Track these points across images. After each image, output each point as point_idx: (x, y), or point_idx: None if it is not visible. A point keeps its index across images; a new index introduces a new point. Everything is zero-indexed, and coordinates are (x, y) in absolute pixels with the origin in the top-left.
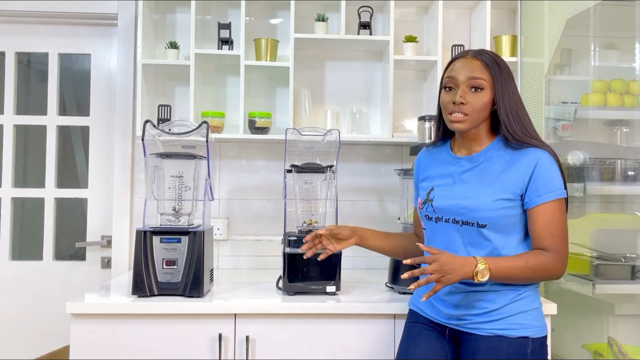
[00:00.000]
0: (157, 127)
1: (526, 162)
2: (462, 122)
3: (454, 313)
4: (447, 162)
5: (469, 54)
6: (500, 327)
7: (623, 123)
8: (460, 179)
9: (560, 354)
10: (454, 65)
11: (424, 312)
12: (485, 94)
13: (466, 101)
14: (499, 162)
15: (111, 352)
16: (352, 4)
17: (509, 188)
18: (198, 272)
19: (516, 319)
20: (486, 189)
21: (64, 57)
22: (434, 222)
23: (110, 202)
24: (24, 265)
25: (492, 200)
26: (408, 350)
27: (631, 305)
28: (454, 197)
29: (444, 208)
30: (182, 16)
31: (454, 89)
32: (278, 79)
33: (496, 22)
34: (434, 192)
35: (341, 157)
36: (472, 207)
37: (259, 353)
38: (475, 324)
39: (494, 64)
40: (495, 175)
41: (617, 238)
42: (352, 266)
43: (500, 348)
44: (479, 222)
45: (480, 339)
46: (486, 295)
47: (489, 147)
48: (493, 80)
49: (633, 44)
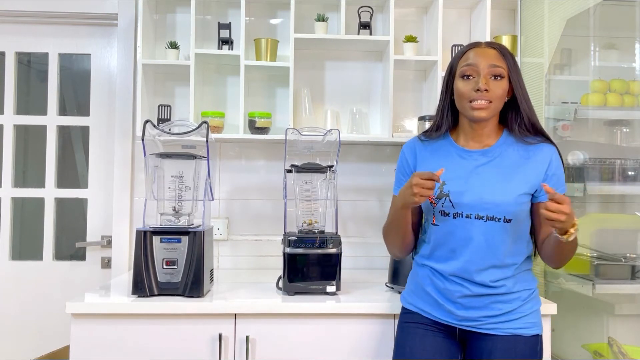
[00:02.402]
0: (157, 127)
1: (542, 158)
2: (486, 110)
3: (469, 315)
4: (455, 154)
5: (482, 44)
6: (517, 327)
7: (623, 123)
8: (477, 173)
9: (560, 354)
10: (469, 54)
11: (427, 312)
12: (505, 82)
13: (489, 88)
14: (514, 156)
15: (111, 352)
16: (352, 4)
17: (529, 182)
18: (198, 272)
19: (530, 318)
20: (508, 183)
21: (64, 57)
22: (451, 218)
23: (110, 202)
24: (24, 265)
25: (517, 194)
26: (415, 353)
27: (631, 305)
28: (477, 192)
29: (466, 203)
30: (182, 16)
31: (474, 77)
32: (278, 79)
33: (496, 22)
34: (447, 186)
35: (341, 157)
36: (499, 202)
37: (259, 353)
38: (492, 324)
39: (508, 54)
40: (515, 170)
41: (617, 238)
42: (352, 266)
43: (517, 347)
44: (506, 216)
45: (497, 339)
46: (503, 297)
47: (500, 141)
48: (509, 69)
49: (633, 44)
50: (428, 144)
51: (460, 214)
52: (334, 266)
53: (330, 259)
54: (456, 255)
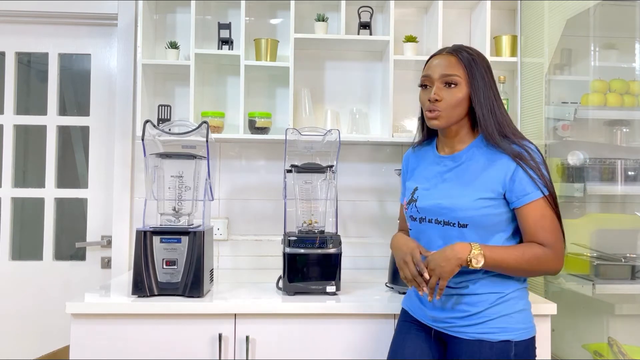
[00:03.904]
0: (157, 127)
1: (507, 161)
2: (438, 119)
3: (437, 316)
4: (432, 161)
5: (445, 51)
6: (481, 331)
7: (623, 123)
8: (443, 179)
9: (560, 354)
10: (431, 63)
11: (413, 312)
12: (460, 90)
13: (440, 97)
14: (480, 160)
15: (111, 352)
16: (352, 4)
17: (490, 187)
18: (198, 272)
19: (497, 322)
20: (466, 188)
21: (64, 57)
22: (418, 223)
23: (110, 202)
24: (24, 265)
25: (473, 199)
26: (397, 349)
27: (631, 305)
28: (436, 197)
29: (427, 208)
30: (182, 16)
31: (430, 86)
32: (278, 79)
33: (496, 22)
34: (417, 192)
35: (341, 157)
36: (452, 207)
37: (259, 353)
38: (458, 327)
39: (469, 60)
40: (476, 174)
41: (617, 238)
42: (352, 266)
43: (482, 352)
44: (459, 221)
45: (462, 343)
46: (466, 298)
47: (471, 146)
48: (468, 75)
49: (633, 44)
50: (418, 151)
51: (424, 219)
52: (334, 266)
53: (330, 259)
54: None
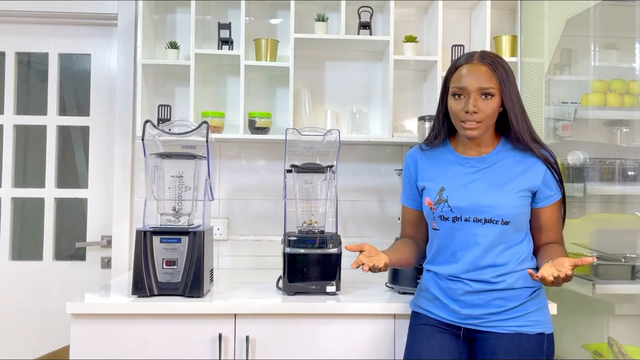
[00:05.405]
0: (157, 127)
1: (539, 163)
2: (476, 129)
3: (472, 313)
4: (454, 162)
5: (474, 59)
6: (520, 324)
7: (623, 123)
8: (474, 179)
9: (560, 354)
10: (461, 72)
11: (432, 313)
12: (495, 100)
13: (479, 109)
14: (510, 162)
15: (111, 352)
16: (352, 4)
17: (526, 186)
18: (198, 272)
19: (534, 315)
20: (501, 188)
21: (64, 57)
22: (451, 222)
23: (110, 202)
24: (24, 265)
25: (515, 198)
26: (421, 352)
27: (631, 305)
28: (474, 196)
29: (464, 207)
30: (182, 16)
31: (465, 97)
32: (278, 79)
33: (496, 22)
34: (446, 192)
35: (341, 157)
36: (495, 205)
37: (259, 353)
38: (495, 322)
39: (500, 69)
40: (511, 174)
41: (617, 238)
42: None
43: (521, 345)
44: (503, 219)
45: (500, 337)
46: (504, 292)
47: (498, 149)
48: (501, 85)
49: (633, 44)
50: (428, 152)
51: (459, 218)
52: (334, 266)
53: (330, 259)
54: (457, 258)
